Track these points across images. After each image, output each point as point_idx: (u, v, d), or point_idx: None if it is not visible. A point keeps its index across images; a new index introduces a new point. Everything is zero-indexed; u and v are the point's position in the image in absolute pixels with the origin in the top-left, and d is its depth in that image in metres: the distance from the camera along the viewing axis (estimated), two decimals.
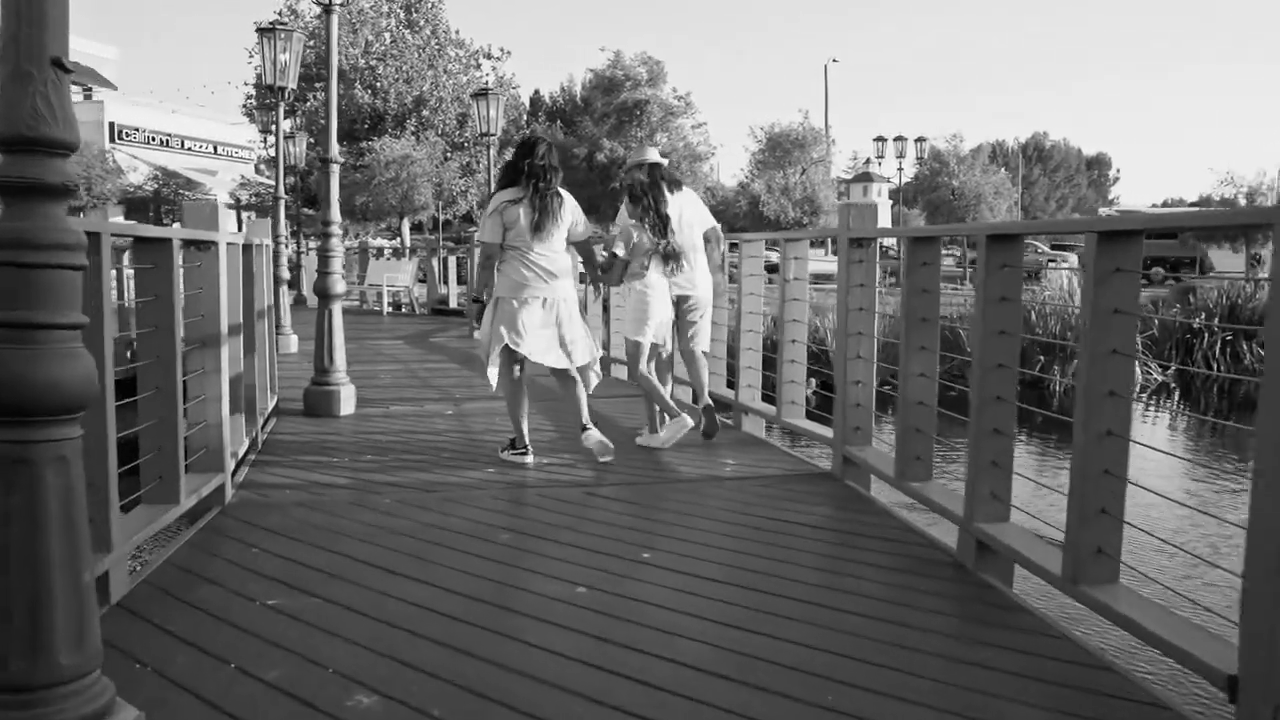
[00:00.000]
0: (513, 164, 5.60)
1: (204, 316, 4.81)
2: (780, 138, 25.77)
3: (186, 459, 4.80)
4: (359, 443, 6.52)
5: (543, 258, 5.48)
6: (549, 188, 5.50)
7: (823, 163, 26.57)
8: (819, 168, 26.01)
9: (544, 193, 5.47)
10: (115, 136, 40.69)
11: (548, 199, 5.49)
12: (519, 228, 5.43)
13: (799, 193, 24.13)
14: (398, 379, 9.96)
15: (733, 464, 5.83)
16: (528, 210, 5.43)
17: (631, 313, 6.11)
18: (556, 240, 5.56)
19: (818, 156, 25.99)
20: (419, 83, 28.42)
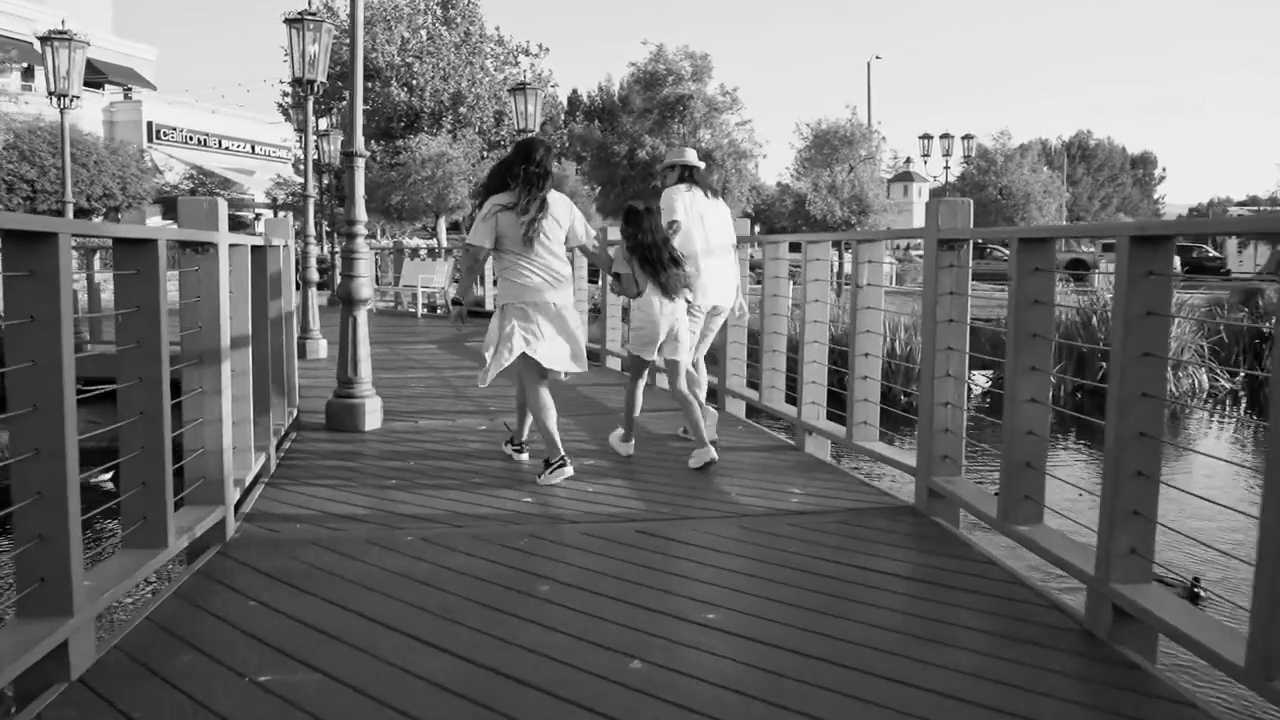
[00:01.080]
0: (507, 166, 5.46)
1: (202, 328, 4.21)
2: (827, 135, 24.94)
3: (181, 491, 4.22)
4: (382, 465, 5.92)
5: (543, 263, 5.38)
6: (538, 192, 5.35)
7: (871, 160, 25.71)
8: (867, 165, 25.16)
9: (538, 198, 5.34)
10: (154, 136, 40.66)
11: (542, 204, 5.35)
12: (513, 235, 5.32)
13: (847, 191, 23.35)
14: (429, 388, 9.36)
15: (799, 494, 5.16)
16: (523, 216, 5.30)
17: (636, 329, 5.94)
18: (555, 244, 5.43)
19: (866, 154, 25.14)
20: (455, 80, 27.92)
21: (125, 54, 47.58)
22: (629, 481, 5.44)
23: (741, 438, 6.75)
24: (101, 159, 27.07)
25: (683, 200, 6.22)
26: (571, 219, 5.56)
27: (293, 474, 5.64)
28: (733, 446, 6.43)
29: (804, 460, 6.04)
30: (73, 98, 12.67)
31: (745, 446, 6.45)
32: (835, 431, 5.99)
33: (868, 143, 25.74)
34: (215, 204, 4.21)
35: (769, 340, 6.97)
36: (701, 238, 6.21)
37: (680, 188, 6.28)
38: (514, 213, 5.31)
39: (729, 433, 6.90)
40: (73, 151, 27.73)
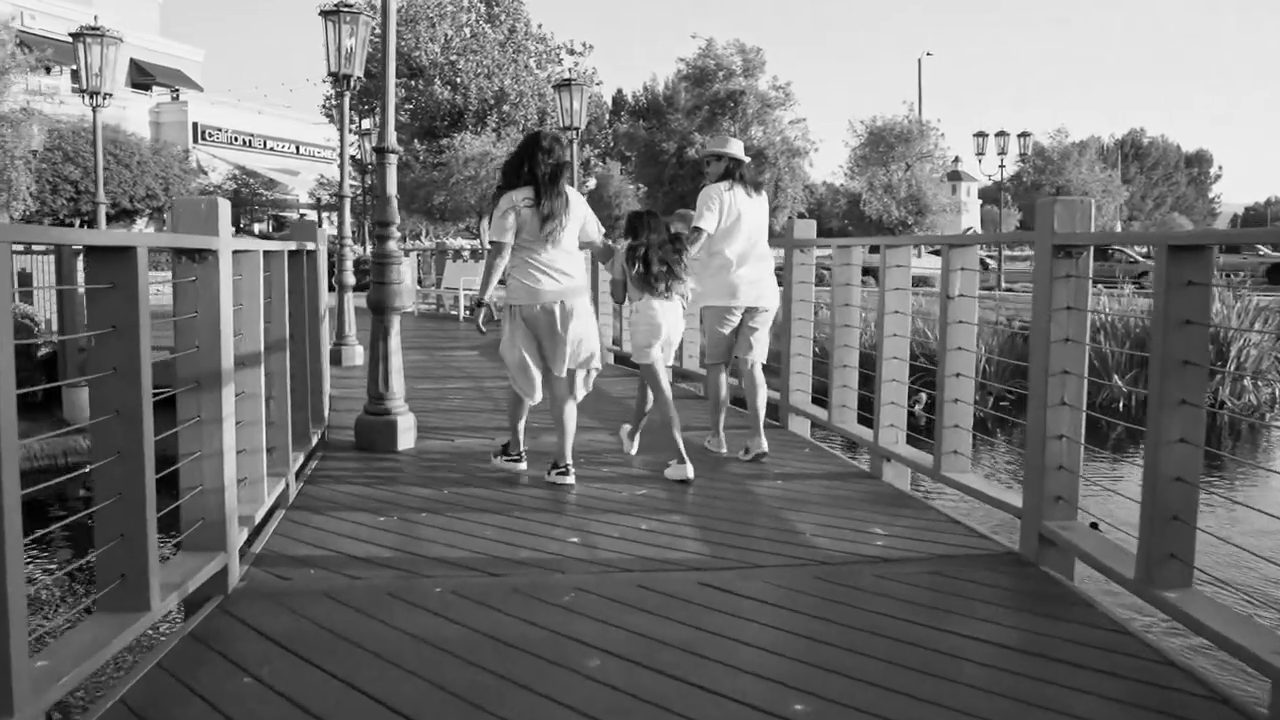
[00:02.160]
0: (516, 161, 5.32)
1: (200, 348, 3.65)
2: (883, 132, 24.12)
3: (178, 533, 3.67)
4: (413, 493, 5.35)
5: (555, 260, 5.23)
6: (556, 186, 5.20)
7: (929, 158, 24.83)
8: (924, 164, 24.31)
9: (551, 192, 5.18)
10: (199, 137, 40.69)
11: (556, 199, 5.19)
12: (529, 229, 5.17)
13: (903, 191, 22.54)
14: (468, 400, 8.78)
15: (883, 535, 4.51)
16: (535, 211, 5.15)
17: (637, 333, 5.80)
18: (568, 241, 5.29)
19: (923, 152, 24.28)
20: (499, 77, 27.44)
21: (172, 55, 47.80)
22: (688, 518, 4.82)
23: (809, 462, 6.10)
24: (144, 160, 26.91)
25: (720, 201, 5.87)
26: (585, 215, 5.43)
27: (314, 503, 5.08)
28: (799, 473, 5.79)
29: (882, 491, 5.39)
30: (106, 95, 12.28)
31: (814, 473, 5.81)
32: (919, 460, 5.32)
33: (925, 140, 24.88)
34: (214, 204, 3.64)
35: (839, 354, 6.32)
36: (742, 238, 5.89)
37: (720, 186, 5.92)
38: (533, 209, 5.14)
39: (794, 456, 6.26)
40: (116, 152, 27.69)
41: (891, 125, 24.28)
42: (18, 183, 14.53)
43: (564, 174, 5.29)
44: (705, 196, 5.94)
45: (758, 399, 6.05)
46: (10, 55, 14.38)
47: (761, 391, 6.07)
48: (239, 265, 4.30)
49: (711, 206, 5.86)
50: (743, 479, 5.61)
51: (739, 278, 5.89)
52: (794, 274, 7.04)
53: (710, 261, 5.95)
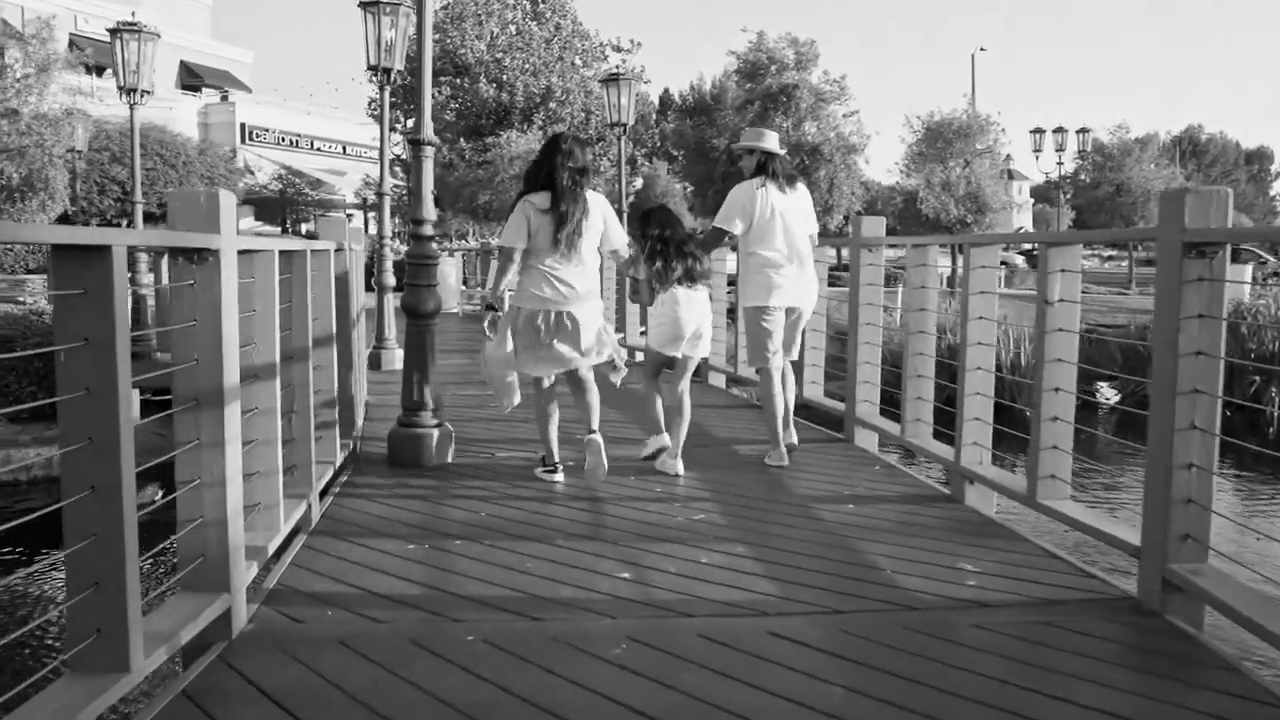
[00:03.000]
0: (537, 164, 5.21)
1: (199, 361, 3.20)
2: (940, 127, 23.35)
3: (173, 574, 3.23)
4: (447, 515, 4.89)
5: (567, 270, 5.12)
6: (572, 193, 5.09)
7: (990, 154, 24.00)
8: (984, 160, 23.50)
9: (570, 197, 5.08)
10: (246, 138, 40.77)
11: (575, 204, 5.09)
12: (541, 237, 5.08)
13: (962, 188, 21.79)
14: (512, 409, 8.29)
15: (974, 573, 3.96)
16: (553, 217, 5.06)
17: (658, 327, 5.67)
18: (584, 249, 5.18)
19: (983, 148, 23.46)
20: (545, 75, 27.05)
21: (222, 57, 48.08)
22: (751, 549, 4.30)
23: (881, 482, 5.56)
24: (190, 160, 26.85)
25: (752, 201, 5.72)
26: (606, 221, 5.30)
27: (338, 527, 4.63)
28: (871, 495, 5.26)
29: (966, 518, 4.83)
30: (144, 93, 11.99)
31: (887, 495, 5.26)
32: (1010, 484, 4.76)
33: (985, 135, 24.05)
34: (214, 197, 3.18)
35: (913, 363, 5.76)
36: (779, 235, 5.72)
37: (753, 183, 5.77)
38: (548, 214, 5.06)
39: (864, 475, 5.72)
40: (162, 152, 27.67)
41: (949, 120, 23.49)
42: (55, 182, 14.33)
43: (585, 178, 5.17)
44: (733, 196, 5.79)
45: (786, 394, 5.99)
46: (50, 54, 14.18)
47: (790, 388, 6.05)
48: (252, 267, 3.86)
49: (738, 207, 5.72)
50: (809, 502, 5.09)
51: (779, 277, 5.72)
52: (861, 275, 6.49)
53: (748, 262, 5.81)
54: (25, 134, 13.50)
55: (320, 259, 5.25)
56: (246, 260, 3.86)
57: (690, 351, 5.69)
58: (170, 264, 3.20)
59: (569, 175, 5.11)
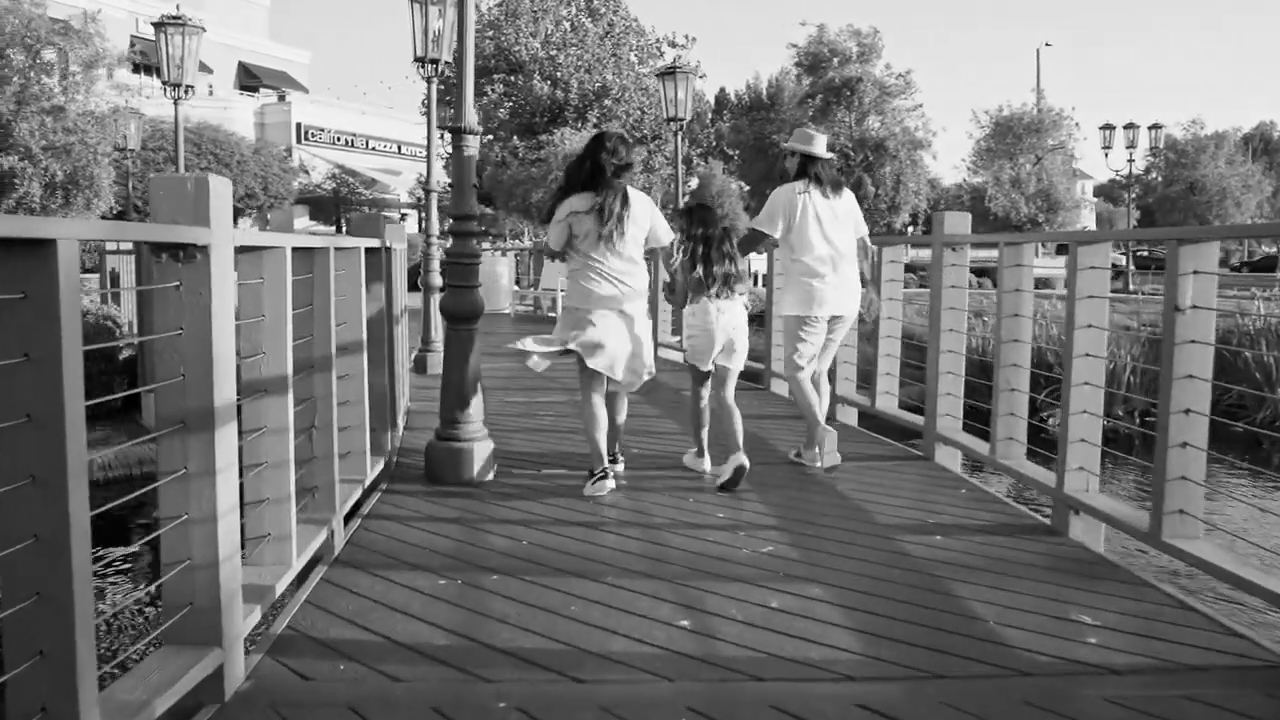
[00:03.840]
0: (579, 162, 5.17)
1: (185, 378, 2.72)
2: (1010, 122, 22.45)
3: (154, 628, 2.76)
4: (484, 543, 4.39)
5: (616, 268, 5.09)
6: (614, 190, 5.03)
7: (1062, 150, 23.02)
8: (1056, 156, 22.54)
9: (613, 193, 5.02)
10: (302, 137, 40.86)
11: (617, 200, 5.03)
12: (586, 236, 5.05)
13: (1032, 185, 20.91)
14: (559, 417, 7.77)
15: (1096, 627, 3.37)
16: (597, 216, 5.01)
17: (691, 338, 5.47)
18: (632, 247, 5.13)
19: (1055, 143, 22.51)
20: (599, 72, 26.58)
21: (279, 58, 48.39)
22: (828, 590, 3.74)
23: (969, 508, 4.96)
24: (244, 159, 26.79)
25: (793, 205, 5.53)
26: (652, 219, 5.22)
27: (363, 557, 4.15)
28: (959, 523, 4.66)
29: (1073, 555, 4.22)
30: (188, 88, 11.68)
31: (979, 524, 4.66)
32: (1127, 519, 4.15)
33: (1057, 131, 23.08)
34: (204, 183, 2.70)
35: (1006, 375, 5.15)
36: (822, 242, 5.52)
37: (795, 186, 5.58)
38: (591, 214, 5.01)
39: (949, 499, 5.12)
40: (216, 152, 27.68)
41: (1020, 115, 22.56)
42: (100, 180, 14.12)
43: (627, 175, 5.11)
44: (774, 198, 5.63)
45: (824, 404, 5.80)
46: (96, 51, 13.98)
47: (825, 394, 5.86)
48: (261, 266, 3.39)
49: (778, 209, 5.56)
50: (891, 531, 4.52)
51: (822, 285, 5.53)
52: (944, 277, 5.89)
53: (790, 269, 5.65)
54: (71, 131, 13.33)
55: (349, 257, 4.78)
56: (254, 259, 3.39)
57: (726, 362, 5.44)
58: (153, 262, 2.71)
59: (613, 171, 5.04)
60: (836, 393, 7.39)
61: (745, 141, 30.19)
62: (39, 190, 13.69)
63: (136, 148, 18.95)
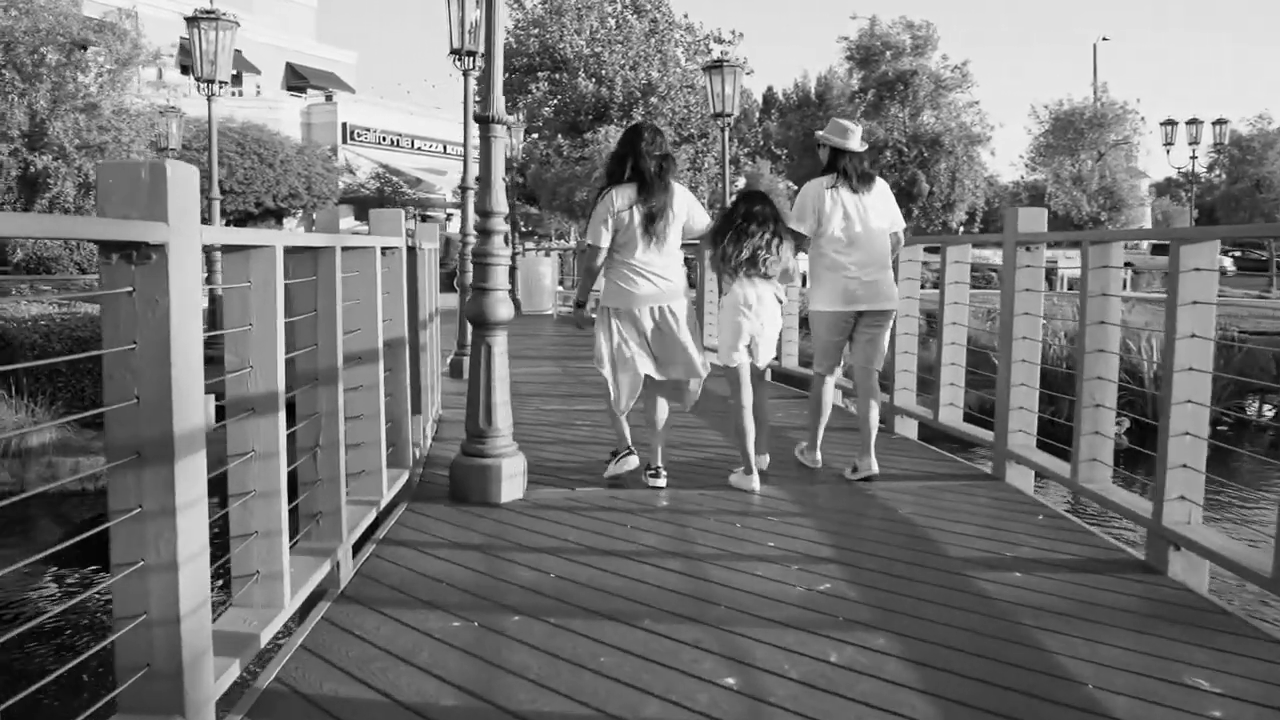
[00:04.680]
0: (618, 158, 5.08)
1: (139, 401, 2.30)
2: (1071, 117, 21.61)
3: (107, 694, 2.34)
4: (507, 575, 3.94)
5: (653, 263, 5.01)
6: (660, 183, 4.96)
7: (1126, 145, 22.13)
8: (1119, 152, 21.67)
9: (660, 187, 4.96)
10: (348, 137, 40.85)
11: (665, 194, 4.97)
12: (628, 231, 4.98)
13: (1095, 182, 20.12)
14: (598, 427, 7.27)
15: (1217, 695, 2.85)
16: (637, 211, 4.95)
17: (721, 335, 5.35)
18: (670, 242, 5.06)
19: (1119, 139, 21.64)
20: (645, 68, 26.08)
21: (326, 59, 48.49)
22: (896, 641, 3.25)
23: (1048, 539, 4.42)
24: (288, 159, 26.67)
25: (820, 200, 5.36)
26: (689, 211, 5.13)
27: (372, 591, 3.73)
28: (1041, 557, 4.14)
29: (1175, 599, 3.68)
30: (220, 83, 11.39)
31: (1063, 559, 4.13)
32: (1239, 558, 3.61)
33: (1121, 125, 22.19)
34: (161, 170, 2.27)
35: (1091, 389, 4.62)
36: (850, 237, 5.35)
37: (821, 182, 5.41)
38: (637, 207, 4.93)
39: (1024, 525, 4.60)
40: (260, 151, 27.60)
41: (1081, 109, 21.70)
42: None
43: (669, 167, 5.01)
44: (800, 196, 5.52)
45: (872, 412, 5.48)
46: (133, 47, 13.77)
47: (876, 404, 5.53)
48: (247, 268, 2.97)
49: (807, 205, 5.41)
50: (963, 566, 4.01)
51: (850, 280, 5.37)
52: (1016, 279, 5.37)
53: (818, 263, 5.49)
54: (105, 130, 13.12)
55: (363, 258, 4.37)
56: (240, 260, 2.97)
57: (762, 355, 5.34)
58: (101, 264, 2.28)
59: (655, 164, 4.96)
60: (895, 404, 6.89)
61: (793, 140, 29.57)
62: (73, 190, 13.54)
63: (178, 147, 18.80)
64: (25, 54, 12.21)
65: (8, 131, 12.36)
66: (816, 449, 5.76)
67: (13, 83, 12.37)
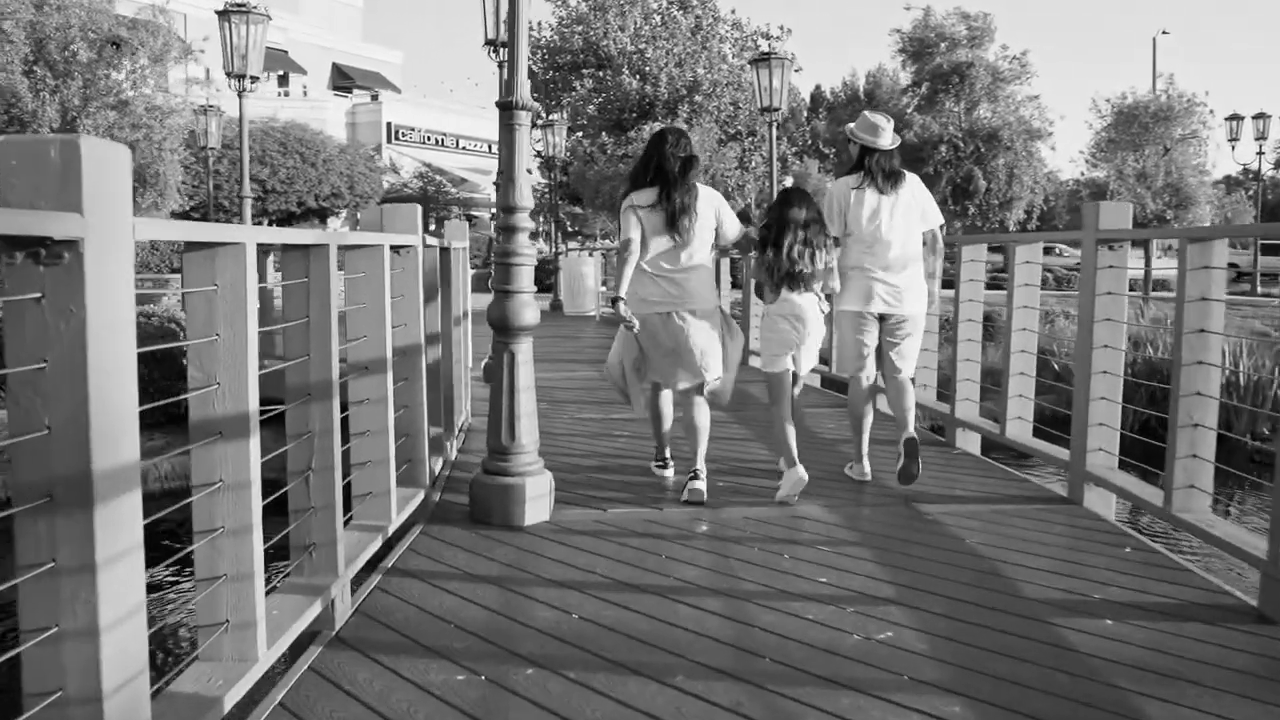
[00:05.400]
0: (642, 161, 5.01)
1: (50, 432, 1.88)
2: (1135, 110, 20.75)
3: None
4: (525, 614, 3.50)
5: (673, 266, 4.88)
6: (682, 182, 4.85)
7: (1194, 139, 21.21)
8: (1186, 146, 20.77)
9: (683, 188, 4.85)
10: (393, 137, 40.79)
11: (688, 194, 4.86)
12: (653, 234, 4.87)
13: (1160, 179, 19.31)
14: (635, 438, 6.78)
15: None
16: (663, 210, 4.84)
17: (763, 343, 5.29)
18: (695, 246, 4.91)
19: (1186, 133, 20.74)
20: (690, 65, 25.60)
21: (372, 59, 48.56)
22: (974, 708, 2.75)
23: (1138, 576, 3.89)
24: (330, 158, 26.52)
25: (846, 199, 5.23)
26: (718, 213, 5.00)
27: (370, 633, 3.31)
28: (1134, 600, 3.61)
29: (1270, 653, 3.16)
30: (252, 79, 11.09)
31: (1159, 602, 3.60)
32: None
33: (1189, 119, 21.25)
34: (73, 149, 1.85)
35: (1188, 406, 4.07)
36: (876, 237, 5.18)
37: (847, 181, 5.29)
38: (654, 209, 4.83)
39: (1108, 561, 4.07)
40: (302, 151, 27.48)
41: (1145, 102, 20.82)
42: (166, 176, 13.66)
43: (694, 168, 4.91)
44: (827, 197, 5.36)
45: (906, 406, 5.29)
46: (165, 42, 13.54)
47: (910, 398, 5.32)
48: (213, 269, 2.55)
49: (834, 205, 5.26)
50: (1043, 610, 3.50)
51: (874, 281, 5.22)
52: (1097, 282, 4.83)
53: (844, 264, 5.32)
54: (137, 127, 12.91)
55: (369, 258, 3.95)
56: (204, 260, 2.55)
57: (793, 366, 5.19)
58: (5, 265, 1.86)
59: (678, 164, 4.85)
60: (956, 415, 6.37)
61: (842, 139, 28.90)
62: None
63: (217, 146, 18.67)
64: (57, 51, 12.07)
65: (39, 129, 12.18)
66: (863, 459, 5.46)
67: (44, 79, 12.20)
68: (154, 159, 13.17)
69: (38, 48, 12.15)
